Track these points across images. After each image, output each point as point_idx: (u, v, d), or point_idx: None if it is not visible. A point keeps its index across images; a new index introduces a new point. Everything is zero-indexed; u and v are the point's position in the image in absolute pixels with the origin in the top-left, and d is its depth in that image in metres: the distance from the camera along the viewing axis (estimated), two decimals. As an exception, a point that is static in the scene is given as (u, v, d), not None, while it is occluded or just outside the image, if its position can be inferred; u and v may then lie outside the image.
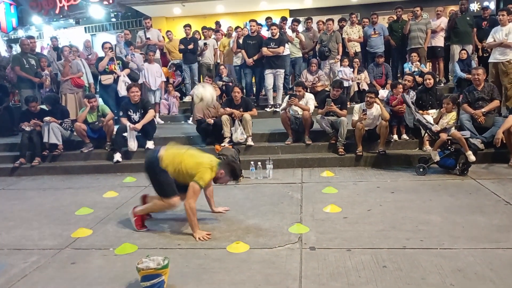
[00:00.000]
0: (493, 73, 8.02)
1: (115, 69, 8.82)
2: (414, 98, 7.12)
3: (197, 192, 4.15)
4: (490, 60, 8.12)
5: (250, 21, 9.86)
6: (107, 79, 8.80)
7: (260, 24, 10.34)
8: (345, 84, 9.20)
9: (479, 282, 3.13)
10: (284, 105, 7.37)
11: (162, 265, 3.22)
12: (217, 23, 12.04)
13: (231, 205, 5.04)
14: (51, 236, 4.49)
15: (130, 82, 8.52)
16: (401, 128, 7.21)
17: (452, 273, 3.26)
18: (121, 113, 7.48)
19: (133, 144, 7.37)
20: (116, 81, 8.87)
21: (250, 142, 7.28)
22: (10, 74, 9.59)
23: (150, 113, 7.52)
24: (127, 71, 8.99)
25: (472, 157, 5.89)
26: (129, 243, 4.11)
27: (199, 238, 4.15)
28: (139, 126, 7.31)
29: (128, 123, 7.32)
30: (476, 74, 6.80)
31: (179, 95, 10.56)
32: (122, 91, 8.63)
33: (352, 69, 9.50)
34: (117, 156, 7.30)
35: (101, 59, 8.95)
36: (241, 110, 7.33)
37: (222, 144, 7.18)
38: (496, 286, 3.06)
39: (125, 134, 7.38)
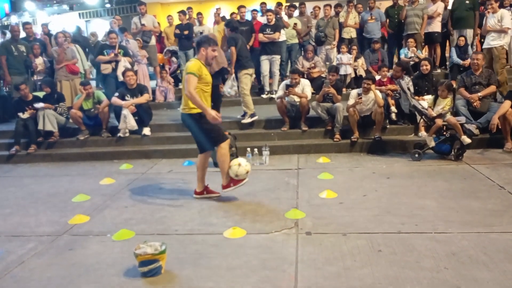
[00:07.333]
0: (487, 58, 8.02)
1: (118, 54, 8.59)
2: (410, 83, 7.12)
3: (191, 81, 4.47)
4: (484, 46, 8.14)
5: (239, 7, 9.79)
6: (105, 69, 8.68)
7: (255, 10, 10.24)
8: (342, 71, 9.17)
9: (473, 265, 3.17)
10: (280, 93, 7.35)
11: (159, 250, 3.26)
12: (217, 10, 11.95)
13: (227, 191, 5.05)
14: (48, 223, 4.51)
15: (130, 67, 8.46)
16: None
17: (446, 257, 3.31)
18: (116, 94, 7.49)
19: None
20: (115, 69, 8.73)
21: (247, 120, 7.52)
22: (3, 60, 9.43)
23: (145, 96, 7.62)
24: (128, 59, 8.86)
25: (467, 139, 5.88)
26: (126, 229, 4.13)
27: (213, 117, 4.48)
28: (128, 103, 7.31)
29: (121, 101, 7.37)
30: (476, 59, 6.80)
31: (174, 81, 10.48)
32: (121, 76, 8.51)
33: (350, 55, 9.45)
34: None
35: (102, 47, 8.72)
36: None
37: None
38: (489, 270, 3.10)
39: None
